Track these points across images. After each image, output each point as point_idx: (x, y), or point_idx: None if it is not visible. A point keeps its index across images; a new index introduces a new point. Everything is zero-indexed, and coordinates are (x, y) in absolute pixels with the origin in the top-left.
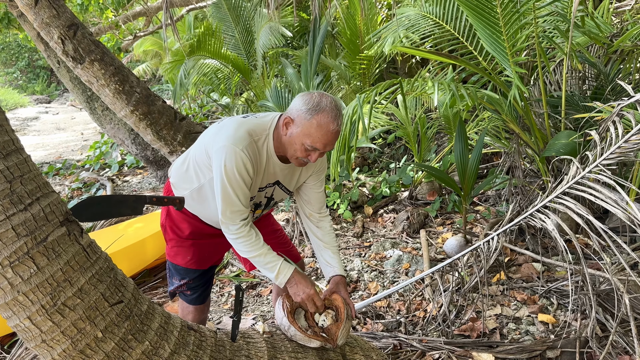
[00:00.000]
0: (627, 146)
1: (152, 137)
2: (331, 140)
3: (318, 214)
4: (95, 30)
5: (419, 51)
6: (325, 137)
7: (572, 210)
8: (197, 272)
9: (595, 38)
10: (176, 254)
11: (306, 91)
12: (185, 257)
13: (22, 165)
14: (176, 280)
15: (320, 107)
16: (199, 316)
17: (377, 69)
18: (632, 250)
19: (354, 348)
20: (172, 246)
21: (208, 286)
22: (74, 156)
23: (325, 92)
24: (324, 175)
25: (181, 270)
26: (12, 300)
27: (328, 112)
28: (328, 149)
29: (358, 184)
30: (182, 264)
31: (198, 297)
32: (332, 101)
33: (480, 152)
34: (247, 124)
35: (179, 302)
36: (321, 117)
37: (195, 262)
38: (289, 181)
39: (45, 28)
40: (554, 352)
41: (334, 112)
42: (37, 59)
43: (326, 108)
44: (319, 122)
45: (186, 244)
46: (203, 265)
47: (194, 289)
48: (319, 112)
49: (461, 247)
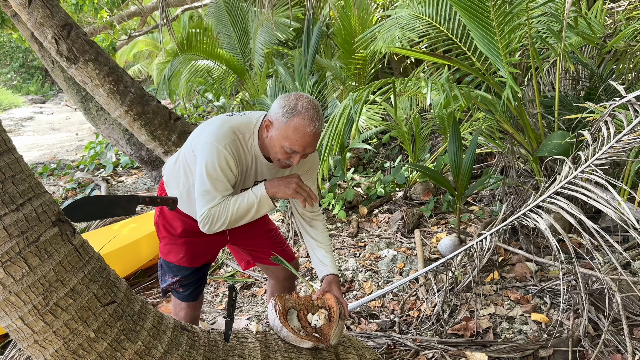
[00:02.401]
0: (618, 146)
1: (146, 137)
2: (310, 142)
3: (311, 213)
4: (89, 30)
5: (413, 52)
6: (303, 139)
7: (565, 210)
8: (190, 269)
9: (589, 39)
10: (169, 252)
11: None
12: (178, 254)
13: (14, 166)
14: (169, 278)
15: (296, 109)
16: (191, 313)
17: (372, 69)
18: (624, 249)
19: (348, 348)
20: (165, 244)
21: (200, 284)
22: (69, 156)
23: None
24: (315, 174)
25: (174, 267)
26: (3, 300)
27: (304, 114)
28: (308, 151)
29: (353, 184)
30: (174, 262)
31: (190, 294)
32: (309, 103)
33: (474, 152)
34: (232, 121)
35: (172, 299)
36: (298, 119)
37: (187, 259)
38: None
39: (39, 28)
40: (546, 351)
41: (311, 114)
42: (32, 59)
43: (302, 110)
44: (295, 125)
45: (179, 241)
46: (195, 263)
47: (187, 287)
48: (295, 115)
49: (455, 247)
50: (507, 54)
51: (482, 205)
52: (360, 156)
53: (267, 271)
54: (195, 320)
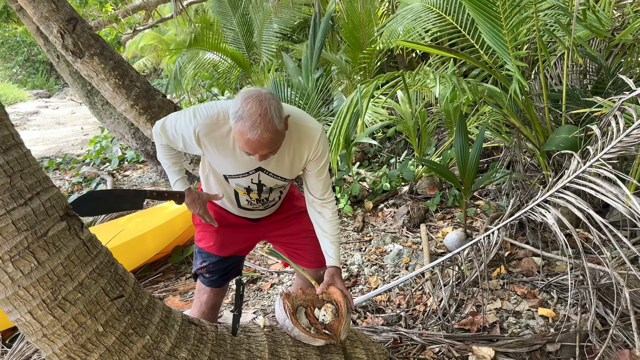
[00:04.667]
0: (628, 140)
1: (152, 131)
2: (256, 147)
3: (320, 200)
4: (94, 24)
5: (420, 45)
6: (247, 145)
7: (573, 204)
8: (217, 257)
9: (597, 31)
10: (201, 238)
11: (251, 88)
12: (209, 242)
13: (22, 160)
14: (198, 262)
15: (239, 114)
16: (213, 298)
17: (378, 62)
18: (633, 244)
19: (355, 342)
20: (199, 230)
21: (227, 273)
22: (74, 151)
23: (265, 89)
24: (324, 162)
25: (204, 253)
26: (12, 294)
27: (245, 120)
28: (263, 152)
29: (358, 179)
30: (204, 248)
31: (215, 281)
32: (253, 106)
33: (480, 146)
34: (224, 105)
35: (197, 284)
36: (239, 125)
37: (216, 248)
38: (278, 168)
39: (44, 22)
40: (554, 346)
41: (253, 119)
42: (37, 53)
43: (244, 116)
44: (239, 130)
45: (210, 229)
46: (224, 253)
47: (213, 273)
48: (237, 120)
49: (461, 242)
50: (514, 47)
51: (488, 200)
52: (365, 150)
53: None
54: (216, 307)
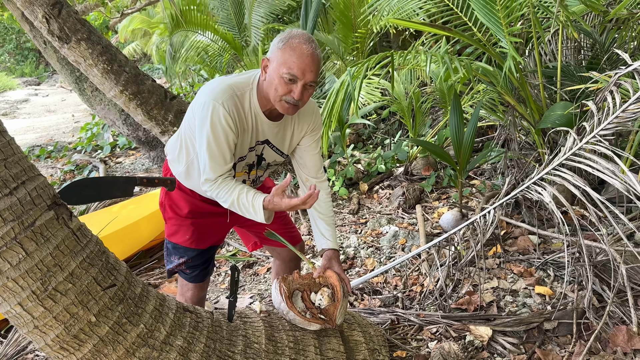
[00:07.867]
0: (624, 116)
1: (142, 117)
2: (308, 64)
3: (315, 179)
4: (81, 9)
5: (412, 23)
6: (300, 60)
7: (569, 181)
8: (196, 251)
9: (593, 6)
10: (175, 233)
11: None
12: (184, 236)
13: (5, 148)
14: (175, 259)
15: (291, 34)
16: (198, 293)
17: (370, 41)
18: (629, 220)
19: (352, 325)
20: (171, 225)
21: (208, 265)
22: (66, 138)
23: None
24: (319, 135)
25: (180, 249)
26: (1, 286)
27: (299, 36)
28: (308, 78)
29: (353, 161)
30: (180, 243)
31: (197, 276)
32: (303, 31)
33: (475, 125)
34: (229, 79)
35: (178, 280)
36: (293, 41)
37: (194, 241)
38: (281, 142)
39: (28, 7)
40: (551, 324)
41: (306, 36)
42: (26, 40)
43: (297, 34)
44: (291, 46)
45: (185, 222)
46: (202, 245)
47: (193, 268)
48: (290, 39)
49: (457, 222)
50: (508, 23)
51: (483, 179)
52: (360, 132)
53: (274, 252)
54: (202, 301)
